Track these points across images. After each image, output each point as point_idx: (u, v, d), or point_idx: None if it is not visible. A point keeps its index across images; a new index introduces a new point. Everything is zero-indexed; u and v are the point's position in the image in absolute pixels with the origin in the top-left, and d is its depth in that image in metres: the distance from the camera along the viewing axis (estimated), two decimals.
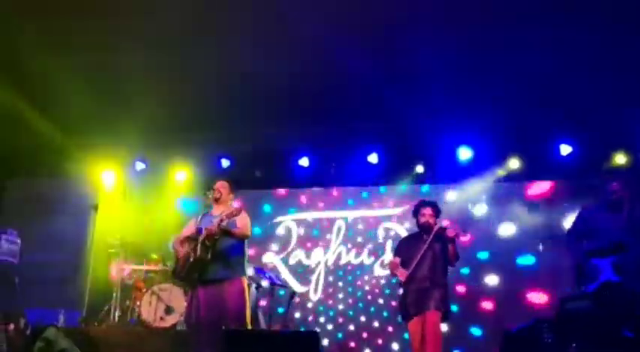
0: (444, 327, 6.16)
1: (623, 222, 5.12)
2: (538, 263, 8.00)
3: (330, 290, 8.78)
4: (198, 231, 5.57)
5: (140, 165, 9.44)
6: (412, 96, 7.29)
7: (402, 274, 5.90)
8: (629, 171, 7.56)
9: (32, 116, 8.12)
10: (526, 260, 8.10)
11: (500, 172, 8.25)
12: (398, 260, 6.07)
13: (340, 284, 8.77)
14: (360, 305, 8.59)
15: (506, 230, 8.31)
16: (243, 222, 5.56)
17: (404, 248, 6.23)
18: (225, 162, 9.12)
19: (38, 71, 7.21)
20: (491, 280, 8.15)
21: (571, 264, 5.35)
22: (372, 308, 8.53)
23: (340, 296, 8.72)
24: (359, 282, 8.70)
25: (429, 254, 5.92)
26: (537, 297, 7.88)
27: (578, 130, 7.84)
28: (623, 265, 4.88)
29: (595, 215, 5.33)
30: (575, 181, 7.93)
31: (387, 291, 8.50)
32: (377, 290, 8.59)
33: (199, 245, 5.42)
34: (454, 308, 7.19)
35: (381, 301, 8.53)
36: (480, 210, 8.47)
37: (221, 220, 5.34)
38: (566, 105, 7.35)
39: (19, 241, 7.92)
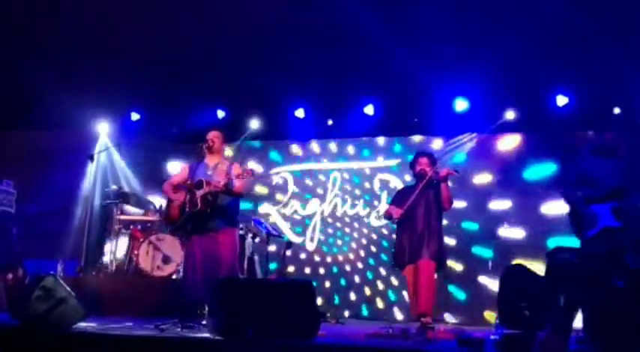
0: None
1: (618, 167, 5.06)
2: None
3: (326, 240, 8.86)
4: (194, 180, 5.62)
5: (135, 116, 9.40)
6: (409, 48, 7.19)
7: (396, 211, 5.95)
8: (626, 123, 7.55)
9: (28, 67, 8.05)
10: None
11: None
12: (394, 207, 6.13)
13: (336, 234, 8.84)
14: (353, 255, 8.68)
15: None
16: (241, 184, 5.65)
17: (400, 197, 6.27)
18: (220, 113, 9.08)
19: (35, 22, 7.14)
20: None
21: (569, 212, 5.33)
22: (369, 259, 8.62)
23: (335, 246, 8.80)
24: (355, 233, 8.76)
25: (422, 199, 5.96)
26: None
27: (576, 82, 7.77)
28: (622, 210, 4.86)
29: (590, 162, 5.28)
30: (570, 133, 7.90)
31: (384, 243, 8.58)
32: (372, 241, 8.67)
33: (200, 198, 5.49)
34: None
35: (375, 251, 8.61)
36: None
37: (229, 180, 5.47)
38: (565, 55, 7.26)
39: (14, 191, 7.94)
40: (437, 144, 8.54)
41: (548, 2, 6.35)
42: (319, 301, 7.80)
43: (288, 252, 8.28)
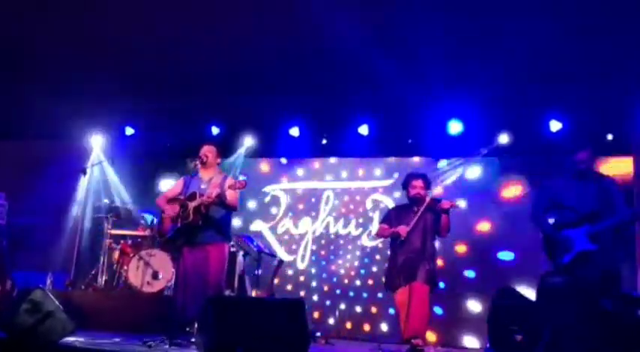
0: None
1: (592, 191, 5.07)
2: None
3: (317, 259, 8.83)
4: (187, 193, 5.64)
5: (129, 130, 9.40)
6: (404, 68, 7.24)
7: (403, 229, 5.93)
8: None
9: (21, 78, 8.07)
10: None
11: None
12: (387, 226, 6.13)
13: (327, 254, 8.82)
14: (342, 275, 8.65)
15: None
16: (233, 196, 5.65)
17: (393, 217, 6.26)
18: (215, 130, 9.09)
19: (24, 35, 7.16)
20: None
21: (541, 238, 5.32)
22: (359, 280, 8.58)
23: (327, 265, 8.77)
24: (346, 253, 8.74)
25: (420, 225, 5.97)
26: None
27: (570, 107, 7.81)
28: (597, 234, 4.88)
29: (563, 187, 5.29)
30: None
31: (375, 264, 8.55)
32: (363, 261, 8.64)
33: (192, 210, 5.49)
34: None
35: (365, 271, 8.58)
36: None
37: (222, 191, 5.48)
38: (559, 80, 7.31)
39: (6, 203, 7.90)
40: (431, 165, 8.53)
41: (542, 26, 6.41)
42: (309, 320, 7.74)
43: (280, 271, 8.25)
